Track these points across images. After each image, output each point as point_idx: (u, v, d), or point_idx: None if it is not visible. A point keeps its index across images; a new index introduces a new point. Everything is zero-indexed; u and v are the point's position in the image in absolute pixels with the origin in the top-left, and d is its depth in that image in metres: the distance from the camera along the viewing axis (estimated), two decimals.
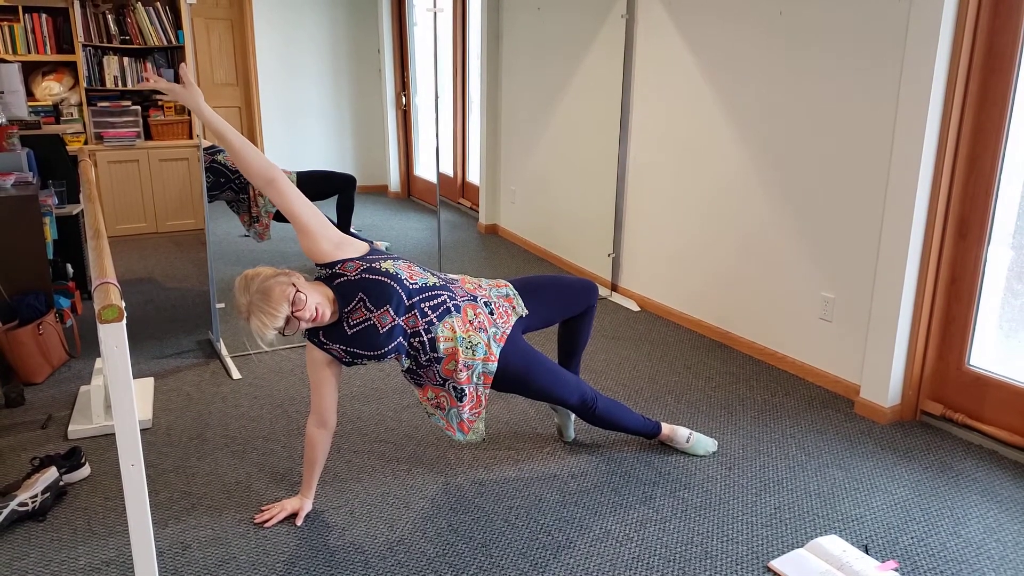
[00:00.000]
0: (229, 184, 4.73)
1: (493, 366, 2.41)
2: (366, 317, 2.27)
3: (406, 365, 2.40)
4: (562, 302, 2.70)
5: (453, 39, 6.64)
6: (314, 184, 4.99)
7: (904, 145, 2.90)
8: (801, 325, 3.49)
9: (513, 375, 2.47)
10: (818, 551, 2.27)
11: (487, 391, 2.45)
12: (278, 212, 4.58)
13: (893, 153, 2.94)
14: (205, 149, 4.65)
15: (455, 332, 2.35)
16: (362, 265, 2.28)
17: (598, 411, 2.64)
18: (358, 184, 7.78)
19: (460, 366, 2.36)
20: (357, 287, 2.26)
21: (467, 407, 2.41)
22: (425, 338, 2.33)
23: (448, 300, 2.37)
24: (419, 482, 2.64)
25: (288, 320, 2.15)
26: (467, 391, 2.39)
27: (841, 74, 3.15)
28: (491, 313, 2.45)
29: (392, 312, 2.27)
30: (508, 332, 2.47)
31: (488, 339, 2.41)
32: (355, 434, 2.96)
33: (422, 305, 2.32)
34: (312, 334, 2.32)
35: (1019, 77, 2.69)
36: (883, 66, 2.98)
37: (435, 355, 2.35)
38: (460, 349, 2.35)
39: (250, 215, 4.81)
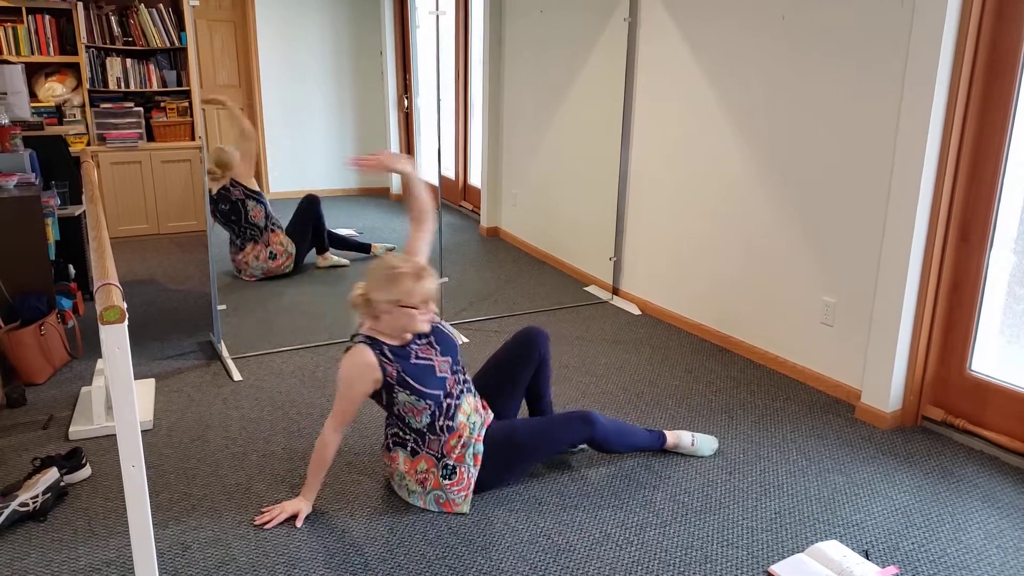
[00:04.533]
0: (238, 222, 4.93)
1: (480, 447, 2.49)
2: (430, 356, 2.41)
3: (425, 422, 2.41)
4: (512, 358, 2.74)
5: (455, 42, 6.65)
6: (301, 227, 5.09)
7: (906, 149, 2.90)
8: (802, 329, 3.49)
9: (501, 445, 2.51)
10: (818, 556, 2.27)
11: (475, 473, 2.49)
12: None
13: (895, 157, 2.94)
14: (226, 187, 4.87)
15: (468, 409, 2.48)
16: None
17: (596, 439, 2.61)
18: (360, 187, 7.79)
19: (460, 443, 2.45)
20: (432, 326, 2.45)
21: (454, 486, 2.45)
22: (453, 402, 2.42)
23: (466, 381, 2.53)
24: None
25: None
26: (458, 470, 2.45)
27: (843, 78, 3.15)
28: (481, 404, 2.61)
29: (449, 364, 2.44)
30: (489, 421, 2.58)
31: (480, 422, 2.52)
32: (354, 436, 2.96)
33: (459, 375, 2.48)
34: (377, 347, 2.35)
35: (1022, 81, 2.69)
36: (885, 71, 2.98)
37: (449, 424, 2.42)
38: (467, 426, 2.46)
39: (269, 249, 4.95)
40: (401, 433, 2.45)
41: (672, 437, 2.82)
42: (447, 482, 2.43)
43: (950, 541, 2.37)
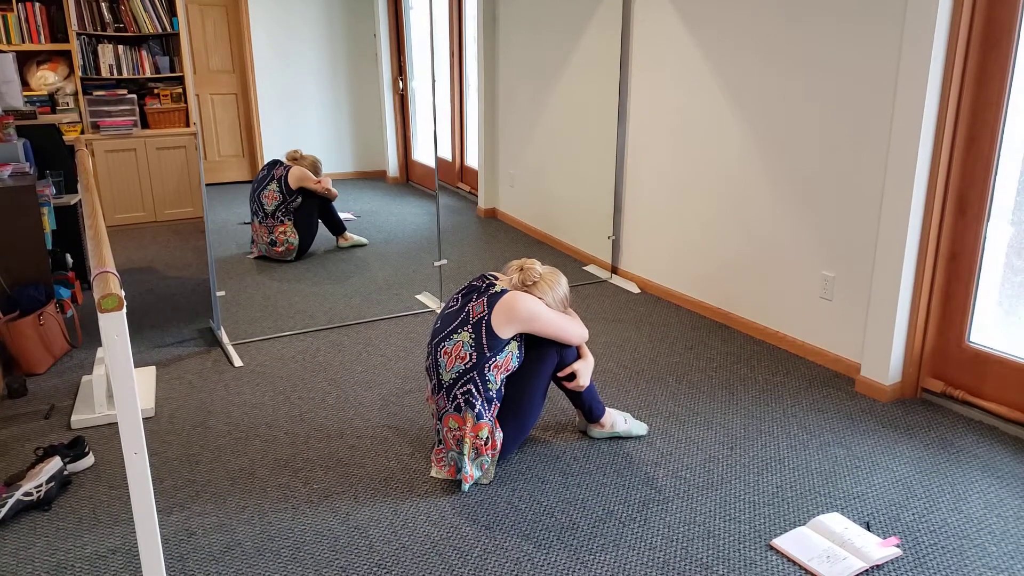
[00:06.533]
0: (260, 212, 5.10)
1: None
2: None
3: (502, 381, 2.54)
4: None
5: (449, 22, 6.60)
6: (307, 214, 5.16)
7: (903, 122, 2.88)
8: (802, 304, 3.49)
9: (506, 404, 2.59)
10: (820, 529, 2.28)
11: (500, 435, 2.55)
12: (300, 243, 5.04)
13: (892, 130, 2.93)
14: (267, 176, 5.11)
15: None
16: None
17: (566, 360, 2.67)
18: (357, 169, 7.77)
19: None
20: None
21: (489, 450, 2.51)
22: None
23: None
24: (422, 465, 2.65)
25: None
26: (496, 434, 2.53)
27: (840, 51, 3.13)
28: None
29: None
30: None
31: None
32: (358, 419, 2.97)
33: None
34: None
35: (1018, 52, 2.67)
36: (881, 44, 2.96)
37: (502, 389, 2.57)
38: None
39: (271, 235, 5.04)
40: (475, 391, 2.48)
41: (608, 416, 2.83)
42: (490, 449, 2.51)
43: (951, 511, 2.39)
